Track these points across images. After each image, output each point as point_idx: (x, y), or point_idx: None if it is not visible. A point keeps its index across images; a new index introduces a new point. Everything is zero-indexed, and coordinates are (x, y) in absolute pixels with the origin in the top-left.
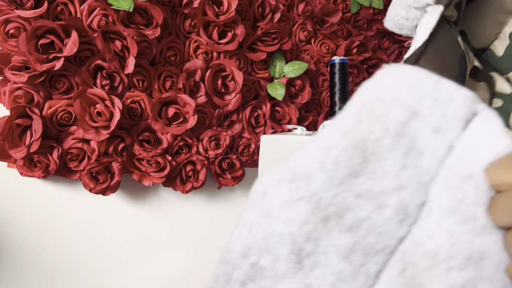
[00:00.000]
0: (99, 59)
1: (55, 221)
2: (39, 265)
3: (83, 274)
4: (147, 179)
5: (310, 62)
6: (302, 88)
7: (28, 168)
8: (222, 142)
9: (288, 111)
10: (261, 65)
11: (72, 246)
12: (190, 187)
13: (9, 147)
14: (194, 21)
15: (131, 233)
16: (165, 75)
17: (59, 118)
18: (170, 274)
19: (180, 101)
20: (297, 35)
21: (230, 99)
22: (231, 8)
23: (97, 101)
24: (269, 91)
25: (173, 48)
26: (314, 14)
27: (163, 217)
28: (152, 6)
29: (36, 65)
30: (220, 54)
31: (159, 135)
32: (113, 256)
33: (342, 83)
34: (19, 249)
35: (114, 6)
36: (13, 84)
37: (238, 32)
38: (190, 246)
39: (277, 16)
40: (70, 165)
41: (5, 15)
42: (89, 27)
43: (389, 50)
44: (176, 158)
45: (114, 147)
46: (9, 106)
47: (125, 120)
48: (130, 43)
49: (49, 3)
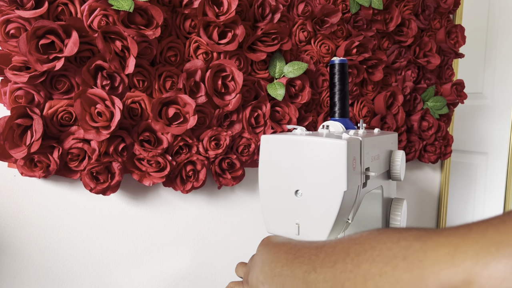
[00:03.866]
0: (99, 59)
1: (55, 221)
2: (39, 265)
3: (83, 274)
4: (148, 179)
5: (310, 62)
6: (302, 88)
7: (29, 168)
8: (222, 142)
9: (288, 111)
10: (261, 65)
11: (72, 246)
12: (190, 187)
13: (10, 147)
14: (194, 22)
15: (131, 233)
16: (165, 75)
17: (60, 118)
18: (170, 274)
19: (180, 101)
20: (297, 35)
21: (230, 99)
22: (231, 9)
23: (98, 101)
24: (269, 91)
25: (173, 49)
26: (314, 15)
27: (163, 217)
28: (153, 7)
29: (36, 65)
30: (220, 55)
31: (159, 135)
32: (113, 256)
33: (341, 84)
34: (19, 249)
35: (115, 6)
36: (13, 84)
37: (238, 32)
38: (190, 246)
39: (277, 17)
40: (70, 165)
41: (5, 15)
42: (89, 28)
43: (389, 50)
44: (176, 158)
45: (114, 147)
46: (10, 106)
47: (126, 120)
48: (131, 43)
49: (50, 3)
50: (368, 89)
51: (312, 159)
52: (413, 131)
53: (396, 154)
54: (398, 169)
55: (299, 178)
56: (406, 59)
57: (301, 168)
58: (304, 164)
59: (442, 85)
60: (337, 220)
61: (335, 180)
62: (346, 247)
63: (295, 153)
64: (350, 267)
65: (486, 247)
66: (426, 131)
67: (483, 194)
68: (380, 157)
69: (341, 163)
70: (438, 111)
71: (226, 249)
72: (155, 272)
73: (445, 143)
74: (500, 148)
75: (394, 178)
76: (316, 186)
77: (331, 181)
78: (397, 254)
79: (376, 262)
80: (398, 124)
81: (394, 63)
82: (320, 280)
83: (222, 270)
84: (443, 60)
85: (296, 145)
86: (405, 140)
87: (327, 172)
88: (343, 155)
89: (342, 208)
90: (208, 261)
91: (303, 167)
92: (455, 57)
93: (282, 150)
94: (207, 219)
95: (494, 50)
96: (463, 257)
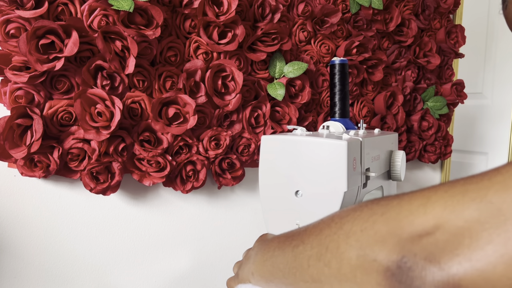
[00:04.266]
0: (99, 59)
1: (55, 221)
2: (39, 265)
3: (83, 274)
4: (148, 179)
5: (310, 62)
6: (302, 88)
7: (29, 168)
8: (222, 142)
9: (288, 111)
10: (261, 65)
11: (72, 246)
12: (190, 187)
13: (10, 147)
14: (194, 22)
15: (131, 233)
16: (165, 75)
17: (60, 118)
18: (170, 274)
19: (180, 101)
20: (297, 35)
21: (230, 99)
22: (231, 9)
23: (98, 101)
24: (269, 91)
25: (173, 49)
26: (314, 15)
27: (163, 217)
28: (153, 7)
29: (36, 65)
30: (220, 55)
31: (159, 135)
32: (113, 256)
33: (342, 84)
34: (19, 249)
35: (115, 6)
36: (13, 84)
37: (238, 32)
38: (190, 246)
39: (277, 17)
40: (70, 165)
41: (5, 16)
42: (89, 28)
43: (389, 50)
44: (176, 158)
45: (114, 147)
46: (10, 106)
47: (126, 120)
48: (131, 43)
49: (50, 3)
50: (368, 89)
51: (312, 160)
52: (413, 131)
53: (396, 155)
54: (398, 169)
55: (300, 178)
56: (406, 59)
57: (301, 169)
58: (304, 164)
59: (442, 85)
60: None
61: (335, 181)
62: (332, 216)
63: (295, 153)
64: (334, 229)
65: (453, 195)
66: (426, 131)
67: None
68: (380, 158)
69: (341, 164)
70: (438, 111)
71: (226, 249)
72: (155, 272)
73: (445, 143)
74: (500, 148)
75: (394, 178)
76: (316, 186)
77: (331, 182)
78: (376, 211)
79: (357, 220)
80: (398, 124)
81: (394, 63)
82: (307, 249)
83: (222, 270)
84: (443, 60)
85: (296, 145)
86: (405, 140)
87: (327, 173)
88: (344, 156)
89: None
90: (208, 261)
91: (303, 167)
92: (455, 57)
93: (282, 150)
94: (207, 219)
95: (494, 50)
96: (433, 205)
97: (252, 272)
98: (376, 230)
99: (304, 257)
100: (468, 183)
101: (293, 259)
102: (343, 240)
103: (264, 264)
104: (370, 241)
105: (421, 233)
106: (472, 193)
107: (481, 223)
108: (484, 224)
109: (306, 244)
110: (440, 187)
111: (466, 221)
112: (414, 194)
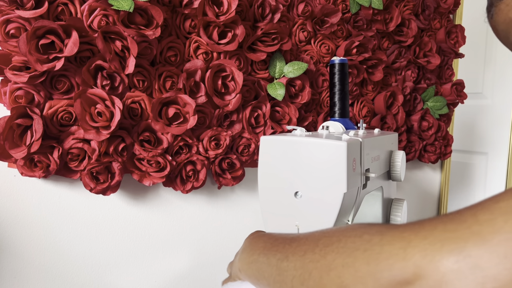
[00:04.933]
0: (99, 59)
1: (55, 221)
2: (39, 265)
3: (83, 274)
4: (148, 179)
5: (310, 62)
6: (302, 88)
7: (29, 168)
8: (222, 142)
9: (288, 111)
10: (261, 65)
11: (72, 246)
12: (190, 187)
13: (10, 147)
14: (194, 22)
15: (131, 233)
16: (165, 75)
17: (60, 118)
18: (170, 274)
19: (180, 101)
20: (297, 35)
21: (230, 99)
22: (231, 9)
23: (98, 101)
24: (269, 91)
25: (173, 49)
26: (314, 15)
27: (163, 217)
28: (153, 7)
29: (36, 65)
30: (220, 55)
31: (159, 135)
32: (113, 256)
33: (341, 84)
34: (19, 249)
35: (115, 6)
36: (13, 84)
37: (238, 32)
38: (190, 246)
39: (277, 17)
40: (70, 165)
41: (5, 15)
42: (89, 27)
43: (389, 50)
44: (176, 158)
45: (114, 147)
46: (10, 106)
47: (126, 120)
48: (131, 43)
49: (50, 3)
50: (368, 89)
51: (312, 161)
52: (413, 131)
53: (397, 155)
54: (398, 169)
55: (299, 179)
56: (406, 59)
57: (300, 170)
58: (304, 165)
59: (442, 85)
60: (337, 222)
61: (335, 182)
62: (317, 238)
63: (295, 154)
64: (318, 257)
65: (433, 243)
66: (426, 131)
67: (482, 194)
68: (380, 158)
69: (341, 165)
70: (438, 111)
71: (226, 249)
72: (155, 272)
73: (445, 143)
74: (500, 148)
75: (394, 178)
76: (315, 187)
77: (331, 183)
78: (359, 247)
79: (340, 253)
80: (398, 124)
81: (394, 63)
82: (291, 268)
83: (222, 270)
84: (443, 60)
85: (296, 146)
86: (405, 140)
87: (327, 174)
88: (343, 157)
89: (342, 210)
90: (208, 261)
91: (303, 168)
92: (455, 57)
93: (281, 151)
94: (207, 219)
95: (494, 50)
96: (413, 251)
97: (239, 269)
98: (357, 268)
99: (288, 275)
100: (448, 231)
101: (277, 272)
102: (326, 272)
103: (250, 266)
104: (350, 279)
105: (400, 281)
106: (451, 244)
107: (460, 279)
108: (462, 279)
109: (290, 262)
110: (420, 230)
111: (444, 274)
112: (396, 233)
